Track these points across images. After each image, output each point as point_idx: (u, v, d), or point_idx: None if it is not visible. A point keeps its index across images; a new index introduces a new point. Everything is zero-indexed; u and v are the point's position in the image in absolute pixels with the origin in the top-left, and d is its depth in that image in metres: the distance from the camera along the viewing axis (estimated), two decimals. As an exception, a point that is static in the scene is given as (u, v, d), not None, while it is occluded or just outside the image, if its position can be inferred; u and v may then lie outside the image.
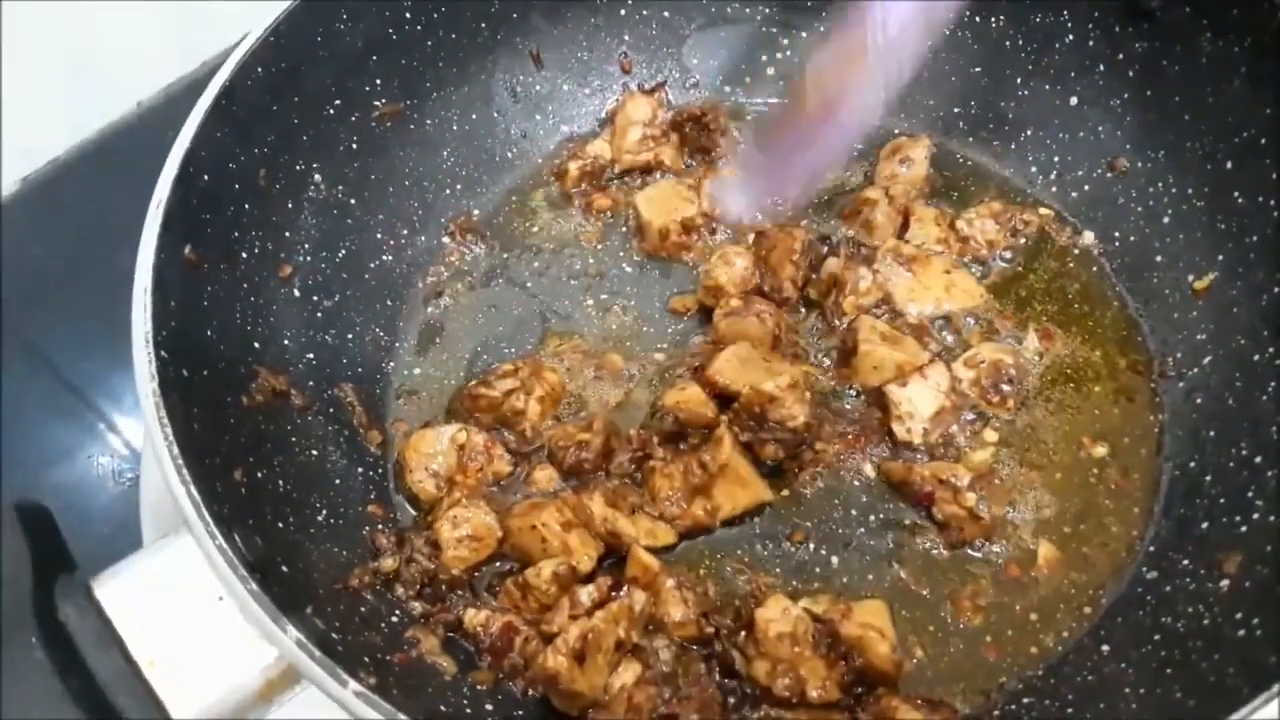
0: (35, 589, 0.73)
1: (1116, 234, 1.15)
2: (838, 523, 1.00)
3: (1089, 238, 1.17)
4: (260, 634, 0.73)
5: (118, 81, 1.53)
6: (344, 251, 1.12)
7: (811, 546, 0.99)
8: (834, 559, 0.98)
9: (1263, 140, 1.02)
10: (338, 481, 1.00)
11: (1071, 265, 1.16)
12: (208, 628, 0.75)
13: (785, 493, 1.01)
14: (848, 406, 1.06)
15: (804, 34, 1.27)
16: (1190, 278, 1.08)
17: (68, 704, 0.69)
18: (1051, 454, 1.03)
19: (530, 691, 0.89)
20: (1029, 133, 1.22)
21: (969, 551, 0.98)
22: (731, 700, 0.90)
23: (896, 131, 1.24)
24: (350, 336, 1.11)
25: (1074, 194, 1.19)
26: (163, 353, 0.83)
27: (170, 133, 0.94)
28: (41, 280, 1.39)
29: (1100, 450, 1.03)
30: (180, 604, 0.75)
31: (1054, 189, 1.20)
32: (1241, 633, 0.82)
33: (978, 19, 1.21)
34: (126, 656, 0.72)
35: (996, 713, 0.90)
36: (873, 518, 1.00)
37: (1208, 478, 0.98)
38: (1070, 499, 1.00)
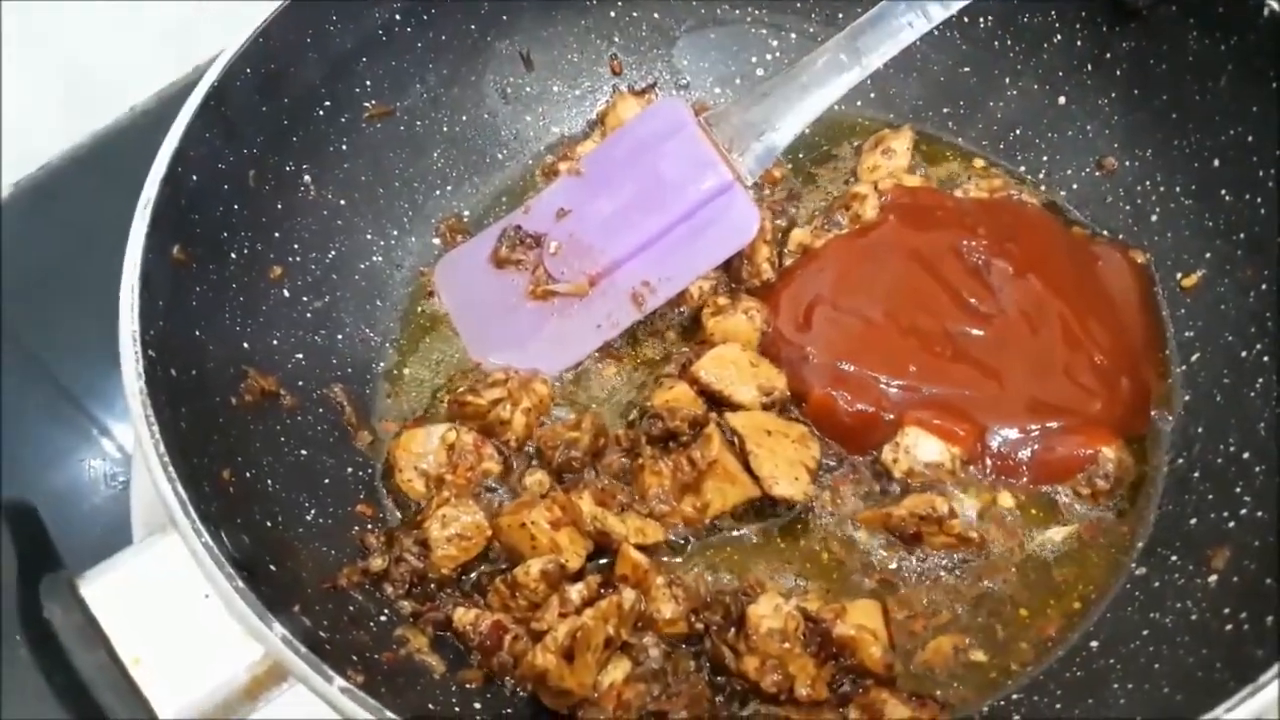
0: (21, 587, 0.73)
1: (1105, 232, 1.15)
2: (829, 519, 0.99)
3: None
4: (247, 631, 0.73)
5: (112, 86, 1.53)
6: (334, 252, 1.12)
7: (803, 543, 0.99)
8: (825, 555, 0.98)
9: (1249, 138, 1.02)
10: (327, 481, 1.00)
11: (1061, 263, 1.15)
12: (194, 625, 0.75)
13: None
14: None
15: (794, 35, 1.28)
16: (1178, 275, 1.09)
17: (53, 703, 0.69)
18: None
19: (519, 690, 0.89)
20: (1018, 132, 1.22)
21: (960, 552, 0.97)
22: (720, 697, 0.90)
23: (885, 130, 1.25)
24: (340, 337, 1.11)
25: (1063, 192, 1.19)
26: (150, 352, 0.83)
27: (164, 137, 0.94)
28: (35, 284, 1.39)
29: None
30: (166, 602, 0.75)
31: (1043, 188, 1.20)
32: (1229, 627, 0.82)
33: (965, 19, 1.21)
34: (112, 654, 0.72)
35: (985, 709, 0.89)
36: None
37: (1196, 474, 0.98)
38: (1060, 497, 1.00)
